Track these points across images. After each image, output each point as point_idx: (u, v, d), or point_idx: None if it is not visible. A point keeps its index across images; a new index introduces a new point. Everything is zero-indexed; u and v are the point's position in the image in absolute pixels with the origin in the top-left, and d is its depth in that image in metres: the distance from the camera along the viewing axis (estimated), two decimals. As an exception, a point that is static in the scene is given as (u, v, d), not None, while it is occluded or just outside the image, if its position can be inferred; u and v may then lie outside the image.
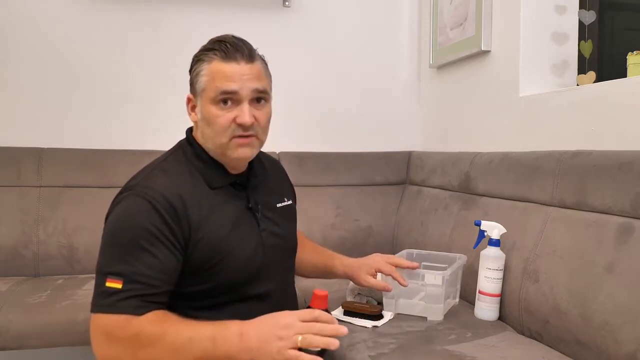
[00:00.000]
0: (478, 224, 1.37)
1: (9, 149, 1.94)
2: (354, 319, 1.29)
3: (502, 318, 1.35)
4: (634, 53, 1.36)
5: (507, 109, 1.72)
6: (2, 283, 1.70)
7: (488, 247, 1.34)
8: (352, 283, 1.43)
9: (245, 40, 1.06)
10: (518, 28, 1.63)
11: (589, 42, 1.61)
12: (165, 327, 0.92)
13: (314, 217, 2.04)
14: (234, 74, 1.01)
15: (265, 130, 1.09)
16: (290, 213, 1.24)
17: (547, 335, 1.21)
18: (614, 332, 1.03)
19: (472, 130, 1.94)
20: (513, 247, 1.36)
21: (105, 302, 0.93)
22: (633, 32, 2.65)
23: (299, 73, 2.24)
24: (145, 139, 2.06)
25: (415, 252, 1.53)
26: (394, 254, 1.46)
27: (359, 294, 1.41)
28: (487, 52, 1.80)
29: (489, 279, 1.32)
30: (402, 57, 2.39)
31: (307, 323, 0.91)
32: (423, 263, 1.49)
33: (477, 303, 1.36)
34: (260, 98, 1.05)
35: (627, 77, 1.35)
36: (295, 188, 1.34)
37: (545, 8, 1.63)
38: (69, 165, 1.95)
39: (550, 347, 1.19)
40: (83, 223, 1.87)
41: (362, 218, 2.11)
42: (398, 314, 1.34)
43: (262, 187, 1.16)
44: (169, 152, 1.12)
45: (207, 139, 1.06)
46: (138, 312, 0.92)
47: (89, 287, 1.67)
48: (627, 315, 1.02)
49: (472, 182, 1.68)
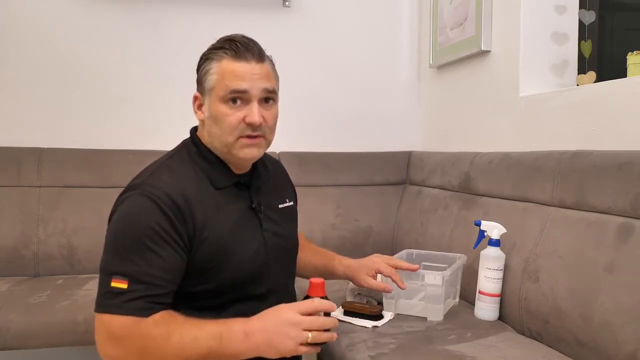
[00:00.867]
0: (478, 224, 1.37)
1: (9, 149, 1.94)
2: (354, 319, 1.29)
3: (502, 318, 1.35)
4: (634, 53, 1.36)
5: (507, 109, 1.72)
6: (2, 283, 1.70)
7: (488, 247, 1.34)
8: (352, 283, 1.43)
9: (255, 40, 1.06)
10: (518, 28, 1.63)
11: (589, 42, 1.61)
12: (172, 328, 0.93)
13: (314, 217, 2.04)
14: (245, 73, 1.01)
15: (273, 131, 1.09)
16: (292, 214, 1.25)
17: (547, 335, 1.21)
18: (614, 332, 1.03)
19: (472, 130, 1.94)
20: (513, 247, 1.36)
21: (111, 302, 0.92)
22: (633, 32, 2.64)
23: (299, 73, 2.24)
24: (145, 139, 2.06)
25: (415, 252, 1.53)
26: (394, 254, 1.46)
27: (359, 294, 1.41)
28: (487, 52, 1.80)
29: (489, 279, 1.32)
30: (402, 57, 2.39)
31: (311, 318, 0.94)
32: (423, 263, 1.49)
33: (477, 303, 1.36)
34: (269, 98, 1.05)
35: (627, 77, 1.35)
36: (296, 188, 1.34)
37: (545, 8, 1.63)
38: (69, 165, 1.95)
39: (550, 347, 1.19)
40: (83, 223, 1.87)
41: (362, 218, 2.11)
42: (398, 314, 1.34)
43: (264, 187, 1.16)
44: (173, 151, 1.12)
45: (213, 138, 1.06)
46: (144, 313, 0.93)
47: (89, 287, 1.67)
48: (627, 315, 1.02)
49: (472, 182, 1.68)
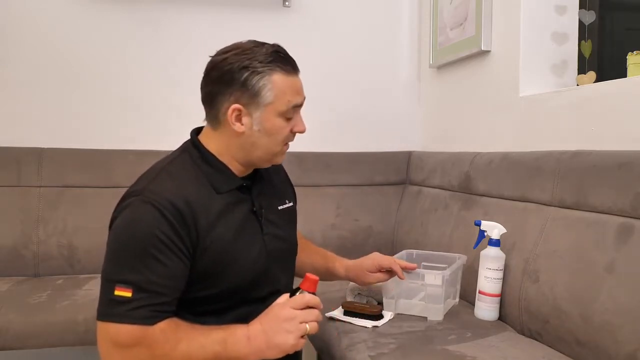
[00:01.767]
0: (478, 224, 1.37)
1: (9, 149, 1.94)
2: (354, 319, 1.29)
3: (502, 318, 1.35)
4: (634, 53, 1.36)
5: (507, 109, 1.72)
6: (2, 283, 1.70)
7: (488, 247, 1.34)
8: (352, 283, 1.43)
9: None
10: (518, 28, 1.63)
11: (589, 42, 1.61)
12: (179, 336, 0.93)
13: (314, 217, 2.04)
14: (300, 88, 1.07)
15: None
16: (291, 215, 1.24)
17: (547, 335, 1.21)
18: (614, 332, 1.03)
19: (472, 130, 1.94)
20: (513, 247, 1.36)
21: (115, 311, 0.92)
22: (633, 32, 2.64)
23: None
24: (145, 139, 2.06)
25: (415, 252, 1.53)
26: (394, 254, 1.46)
27: (359, 294, 1.41)
28: (487, 52, 1.80)
29: (489, 279, 1.32)
30: (402, 57, 2.39)
31: (305, 311, 0.97)
32: (423, 263, 1.49)
33: (477, 303, 1.36)
34: None
35: (627, 77, 1.35)
36: (295, 188, 1.34)
37: (545, 8, 1.63)
38: (69, 165, 1.95)
39: (550, 347, 1.19)
40: (83, 223, 1.87)
41: (362, 218, 2.11)
42: (398, 314, 1.34)
43: (265, 189, 1.16)
44: (174, 154, 1.10)
45: (257, 148, 1.06)
46: (150, 322, 0.92)
47: (89, 287, 1.67)
48: (627, 315, 1.02)
49: (472, 182, 1.68)
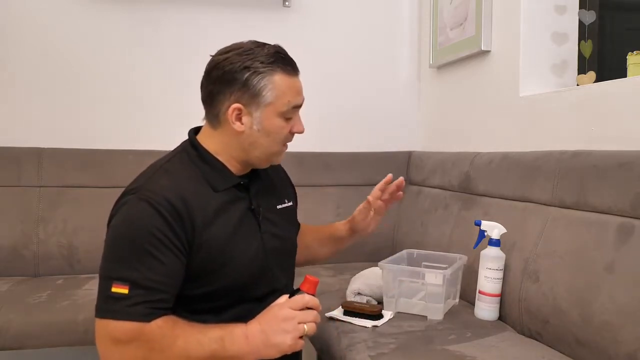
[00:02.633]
0: (478, 224, 1.37)
1: (9, 149, 1.94)
2: (354, 319, 1.29)
3: (502, 318, 1.35)
4: (634, 53, 1.36)
5: (507, 109, 1.72)
6: (2, 283, 1.70)
7: (488, 247, 1.34)
8: (352, 283, 1.43)
9: None
10: (518, 28, 1.63)
11: (589, 42, 1.61)
12: (176, 333, 0.93)
13: (314, 217, 2.03)
14: (300, 89, 1.08)
15: None
16: (290, 214, 1.24)
17: (547, 335, 1.21)
18: (614, 332, 1.03)
19: (472, 130, 1.94)
20: (513, 247, 1.36)
21: (113, 308, 0.92)
22: (633, 32, 2.64)
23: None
24: (146, 139, 2.06)
25: (416, 252, 1.53)
26: (394, 254, 1.47)
27: (359, 294, 1.41)
28: (487, 52, 1.80)
29: (489, 279, 1.32)
30: (402, 57, 2.39)
31: (303, 312, 0.98)
32: (423, 263, 1.49)
33: (477, 303, 1.36)
34: None
35: (627, 77, 1.35)
36: (295, 188, 1.34)
37: (545, 8, 1.63)
38: (69, 165, 1.96)
39: (550, 347, 1.19)
40: (83, 223, 1.88)
41: (362, 218, 2.11)
42: (398, 314, 1.34)
43: (264, 188, 1.16)
44: (172, 153, 1.11)
45: (256, 148, 1.07)
46: (147, 319, 0.93)
47: (89, 287, 1.67)
48: (627, 315, 1.02)
49: (472, 182, 1.68)
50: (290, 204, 1.24)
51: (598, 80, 1.46)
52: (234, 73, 1.02)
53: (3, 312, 1.46)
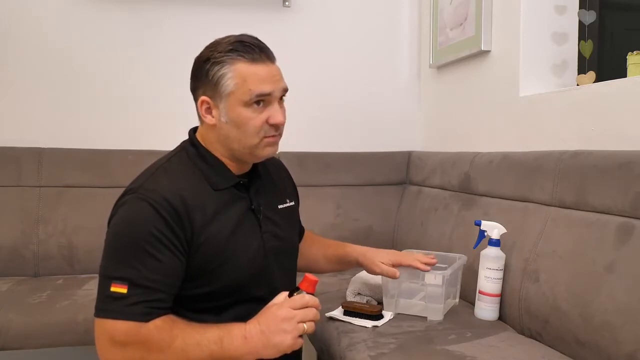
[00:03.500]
0: (478, 224, 1.37)
1: (9, 149, 1.94)
2: (354, 319, 1.29)
3: (502, 318, 1.35)
4: (634, 53, 1.36)
5: (507, 109, 1.72)
6: (2, 283, 1.70)
7: (488, 247, 1.34)
8: (352, 283, 1.43)
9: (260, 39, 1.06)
10: (518, 28, 1.63)
11: (589, 42, 1.61)
12: (174, 333, 0.93)
13: (314, 217, 2.03)
14: (267, 76, 1.01)
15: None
16: (291, 214, 1.24)
17: (547, 335, 1.21)
18: (614, 332, 1.03)
19: (472, 130, 1.94)
20: (513, 247, 1.36)
21: (111, 307, 0.92)
22: (633, 32, 2.64)
23: (299, 73, 2.22)
24: (145, 139, 2.06)
25: (416, 252, 1.52)
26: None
27: (359, 294, 1.41)
28: (487, 52, 1.80)
29: (489, 279, 1.32)
30: (402, 57, 2.39)
31: (302, 310, 0.97)
32: (423, 263, 1.49)
33: (477, 303, 1.36)
34: (282, 97, 1.07)
35: (627, 77, 1.35)
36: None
37: (545, 8, 1.63)
38: (69, 165, 1.95)
39: (550, 347, 1.19)
40: (83, 223, 1.87)
41: (362, 218, 2.11)
42: (398, 314, 1.34)
43: (264, 188, 1.15)
44: (172, 153, 1.11)
45: (232, 141, 1.04)
46: (145, 319, 0.93)
47: (89, 287, 1.67)
48: (627, 315, 1.02)
49: (472, 182, 1.68)
50: (292, 204, 1.24)
51: (598, 81, 1.46)
52: (200, 66, 1.04)
53: (3, 312, 1.46)
